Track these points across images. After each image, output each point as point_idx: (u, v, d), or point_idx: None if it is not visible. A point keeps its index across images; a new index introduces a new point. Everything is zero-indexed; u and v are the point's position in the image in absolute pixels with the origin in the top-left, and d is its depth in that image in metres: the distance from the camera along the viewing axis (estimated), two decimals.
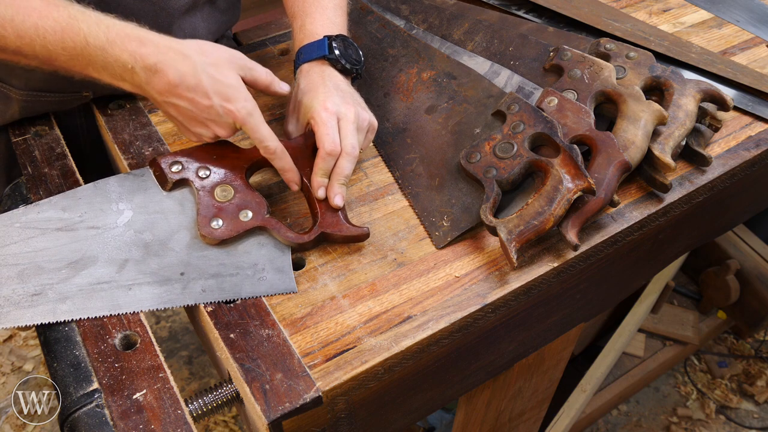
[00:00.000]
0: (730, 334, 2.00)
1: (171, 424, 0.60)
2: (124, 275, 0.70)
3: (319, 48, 0.81)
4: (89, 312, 0.68)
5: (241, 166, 0.75)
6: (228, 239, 0.71)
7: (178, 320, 1.99)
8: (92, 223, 0.72)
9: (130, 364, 0.64)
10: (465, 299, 0.70)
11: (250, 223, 0.72)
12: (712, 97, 0.82)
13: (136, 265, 0.70)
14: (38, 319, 0.67)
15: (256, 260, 0.72)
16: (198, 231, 0.71)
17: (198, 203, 0.72)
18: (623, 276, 0.91)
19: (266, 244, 0.73)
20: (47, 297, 0.67)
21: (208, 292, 0.70)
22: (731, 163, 0.85)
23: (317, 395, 0.61)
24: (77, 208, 0.72)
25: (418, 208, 0.80)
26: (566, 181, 0.71)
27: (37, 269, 0.68)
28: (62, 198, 0.73)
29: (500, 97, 0.84)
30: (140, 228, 0.72)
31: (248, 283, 0.71)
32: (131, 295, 0.69)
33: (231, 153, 0.76)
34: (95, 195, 0.74)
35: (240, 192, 0.74)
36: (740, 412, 1.85)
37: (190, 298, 0.70)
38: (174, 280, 0.70)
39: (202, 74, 0.68)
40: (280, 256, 0.73)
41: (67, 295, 0.68)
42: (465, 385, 0.83)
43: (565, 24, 1.04)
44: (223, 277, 0.71)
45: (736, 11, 1.11)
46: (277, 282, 0.71)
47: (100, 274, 0.69)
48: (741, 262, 1.81)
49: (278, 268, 0.72)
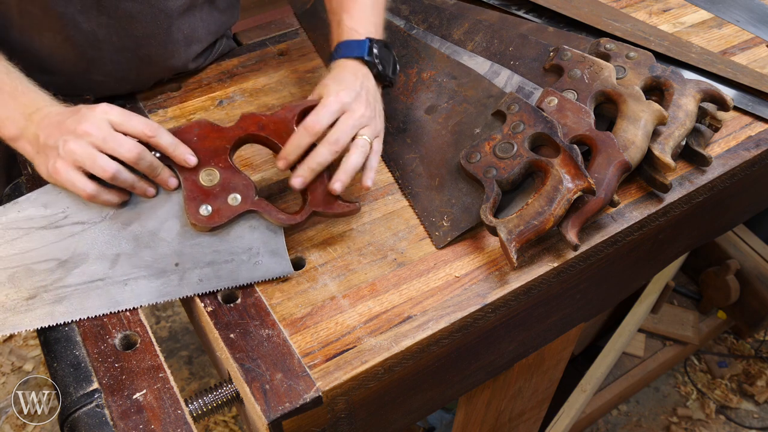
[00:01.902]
0: (730, 334, 2.00)
1: (171, 424, 0.60)
2: (118, 270, 0.69)
3: (359, 48, 0.79)
4: (88, 311, 0.67)
5: (224, 147, 0.72)
6: (219, 226, 0.70)
7: (178, 320, 1.99)
8: (77, 219, 0.70)
9: (130, 364, 0.64)
10: (465, 299, 0.70)
11: (240, 207, 0.70)
12: (712, 97, 0.82)
13: (129, 258, 0.69)
14: (37, 324, 0.66)
15: (249, 244, 0.71)
16: (188, 219, 0.70)
17: (183, 189, 0.70)
18: (623, 276, 0.91)
19: (258, 227, 0.72)
20: (43, 300, 0.66)
21: (206, 281, 0.69)
22: (731, 163, 0.85)
23: (317, 395, 0.61)
24: (59, 204, 0.70)
25: (418, 208, 0.80)
26: (566, 181, 0.71)
27: (27, 272, 0.67)
28: (41, 194, 0.70)
29: (500, 97, 0.84)
30: (127, 220, 0.70)
31: (244, 268, 0.70)
32: (128, 291, 0.68)
33: (212, 133, 0.72)
34: None
35: (226, 174, 0.71)
36: (740, 412, 1.85)
37: (188, 289, 0.69)
38: (170, 271, 0.69)
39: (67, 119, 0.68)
40: (274, 237, 0.72)
41: (63, 296, 0.67)
42: (465, 385, 0.83)
43: (565, 24, 1.04)
44: (219, 264, 0.70)
45: (736, 11, 1.11)
46: (274, 265, 0.71)
47: (93, 271, 0.68)
48: (741, 262, 1.81)
49: (273, 251, 0.71)
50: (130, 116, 0.68)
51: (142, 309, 0.70)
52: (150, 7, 0.84)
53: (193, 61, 0.96)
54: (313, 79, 1.00)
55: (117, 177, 0.67)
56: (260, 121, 0.73)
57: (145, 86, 0.95)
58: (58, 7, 0.78)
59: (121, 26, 0.83)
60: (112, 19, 0.82)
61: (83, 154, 0.66)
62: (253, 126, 0.73)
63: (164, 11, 0.85)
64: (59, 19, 0.79)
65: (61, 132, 0.67)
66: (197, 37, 0.93)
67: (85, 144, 0.66)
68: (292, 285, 0.71)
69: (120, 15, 0.82)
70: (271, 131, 0.73)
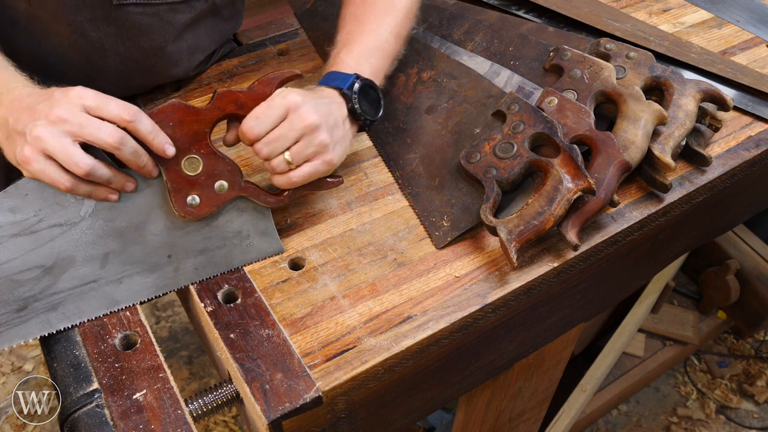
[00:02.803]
0: (730, 334, 2.00)
1: (171, 424, 0.60)
2: (110, 270, 0.67)
3: (343, 80, 0.75)
4: (86, 314, 0.67)
5: (203, 131, 0.67)
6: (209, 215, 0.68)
7: (178, 320, 1.99)
8: (53, 221, 0.65)
9: (130, 364, 0.64)
10: (465, 299, 0.70)
11: (228, 194, 0.69)
12: (712, 97, 0.82)
13: (119, 256, 0.67)
14: (35, 333, 0.65)
15: (239, 228, 0.71)
16: (176, 212, 0.67)
17: (166, 181, 0.66)
18: (623, 276, 0.91)
19: (246, 209, 0.71)
20: (35, 309, 0.65)
21: (201, 269, 0.69)
22: (731, 163, 0.85)
23: (317, 395, 0.61)
24: (28, 207, 0.64)
25: (418, 208, 0.80)
26: (566, 181, 0.71)
27: (10, 284, 0.64)
28: (4, 197, 0.64)
29: (500, 97, 0.84)
30: (108, 216, 0.66)
31: (237, 252, 0.70)
32: (124, 289, 0.68)
33: (188, 117, 0.67)
34: (43, 188, 0.64)
35: (209, 161, 0.67)
36: (740, 412, 1.85)
37: (185, 279, 0.69)
38: (164, 264, 0.69)
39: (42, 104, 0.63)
40: (262, 218, 0.71)
41: (57, 303, 0.65)
42: (465, 385, 0.83)
43: (565, 24, 1.04)
44: (212, 251, 0.70)
45: (736, 11, 1.11)
46: (265, 246, 0.71)
47: (84, 273, 0.66)
48: (741, 262, 1.81)
49: (263, 232, 0.71)
50: (107, 100, 0.63)
51: (142, 309, 0.70)
52: (159, 20, 0.83)
53: (195, 69, 0.96)
54: (313, 79, 1.00)
55: (93, 173, 0.62)
56: (238, 99, 0.69)
57: (147, 91, 0.95)
58: (69, 15, 0.78)
59: (128, 37, 0.83)
60: (120, 30, 0.82)
61: (55, 145, 0.60)
62: (231, 105, 0.69)
63: (172, 24, 0.85)
64: (68, 26, 0.79)
65: (32, 116, 0.61)
66: (201, 46, 0.93)
67: (58, 133, 0.60)
68: (292, 285, 0.71)
69: (129, 26, 0.82)
70: (250, 109, 0.68)
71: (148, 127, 0.64)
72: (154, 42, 0.85)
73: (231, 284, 0.71)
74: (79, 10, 0.78)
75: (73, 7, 0.77)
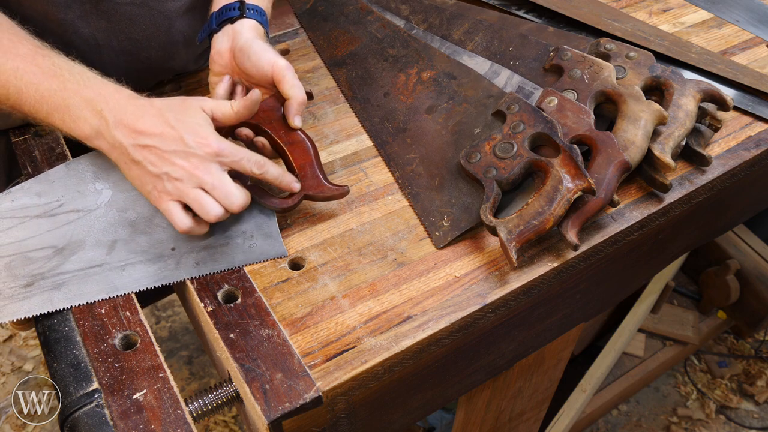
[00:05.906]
0: (730, 334, 2.00)
1: (171, 424, 0.60)
2: (115, 256, 0.70)
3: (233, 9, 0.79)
4: (86, 297, 0.68)
5: (224, 131, 0.74)
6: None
7: (178, 320, 1.99)
8: (72, 207, 0.71)
9: (130, 364, 0.64)
10: (465, 299, 0.70)
11: None
12: (712, 97, 0.82)
13: (126, 244, 0.70)
14: (36, 310, 0.66)
15: (243, 228, 0.73)
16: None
17: None
18: (623, 276, 0.91)
19: (251, 210, 0.74)
20: (41, 287, 0.67)
21: (202, 264, 0.70)
22: (731, 163, 0.85)
23: (317, 395, 0.61)
24: (53, 192, 0.72)
25: (418, 208, 0.80)
26: (566, 181, 0.71)
27: (24, 260, 0.68)
28: (35, 183, 0.72)
29: (500, 97, 0.84)
30: (122, 207, 0.72)
31: (239, 251, 0.72)
32: (126, 276, 0.69)
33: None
34: (69, 177, 0.73)
35: None
36: (740, 412, 1.85)
37: (185, 273, 0.70)
38: (167, 256, 0.70)
39: (168, 113, 0.68)
40: (267, 221, 0.74)
41: (60, 283, 0.68)
42: (465, 385, 0.83)
43: (565, 24, 1.04)
44: (215, 248, 0.71)
45: (736, 11, 1.11)
46: (268, 248, 0.72)
47: (90, 257, 0.69)
48: (741, 262, 1.81)
49: (266, 234, 0.73)
50: (239, 156, 0.68)
51: (142, 309, 0.70)
52: (149, 9, 0.84)
53: (194, 62, 0.96)
54: (313, 79, 1.00)
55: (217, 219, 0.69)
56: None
57: (147, 87, 0.95)
58: (59, 13, 0.79)
59: (120, 30, 0.83)
60: (111, 23, 0.82)
61: (192, 196, 0.67)
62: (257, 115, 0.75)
63: (163, 13, 0.85)
64: (60, 25, 0.80)
65: (166, 162, 0.66)
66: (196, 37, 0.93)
67: (193, 187, 0.66)
68: (292, 285, 0.71)
69: (119, 18, 0.82)
70: (261, 118, 0.76)
71: (276, 172, 0.71)
72: (146, 32, 0.85)
73: (231, 284, 0.71)
74: (69, 8, 0.79)
75: (62, 5, 0.78)
